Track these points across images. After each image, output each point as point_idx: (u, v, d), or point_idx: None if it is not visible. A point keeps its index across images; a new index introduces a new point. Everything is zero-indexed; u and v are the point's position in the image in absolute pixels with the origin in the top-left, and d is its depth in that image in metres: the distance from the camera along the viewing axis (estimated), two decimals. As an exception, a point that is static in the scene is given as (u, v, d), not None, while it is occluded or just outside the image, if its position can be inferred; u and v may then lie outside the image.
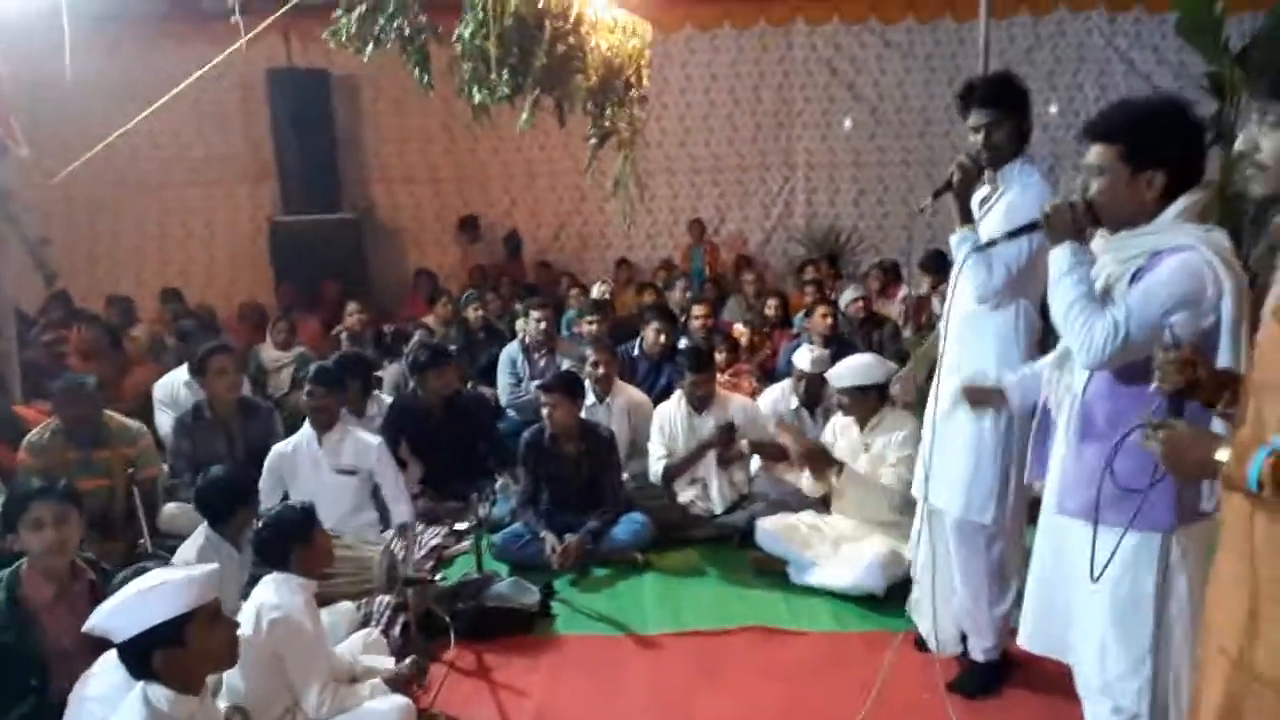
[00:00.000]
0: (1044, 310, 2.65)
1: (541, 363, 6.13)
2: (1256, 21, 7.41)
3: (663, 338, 5.83)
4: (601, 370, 5.07)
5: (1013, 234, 2.56)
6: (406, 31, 4.70)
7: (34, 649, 2.81)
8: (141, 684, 2.18)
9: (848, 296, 6.50)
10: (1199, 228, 2.18)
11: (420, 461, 4.91)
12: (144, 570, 2.37)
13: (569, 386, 4.51)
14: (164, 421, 5.22)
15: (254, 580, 3.01)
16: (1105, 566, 2.09)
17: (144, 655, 2.15)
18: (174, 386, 5.39)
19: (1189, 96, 6.43)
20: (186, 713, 2.20)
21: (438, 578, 4.01)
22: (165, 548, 3.80)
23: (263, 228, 9.37)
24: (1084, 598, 2.30)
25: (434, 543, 4.34)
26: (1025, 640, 2.57)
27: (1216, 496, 2.09)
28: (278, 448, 4.24)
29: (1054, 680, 3.06)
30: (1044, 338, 2.90)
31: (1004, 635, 3.19)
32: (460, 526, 4.32)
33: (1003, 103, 2.90)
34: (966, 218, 2.95)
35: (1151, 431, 1.72)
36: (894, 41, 9.42)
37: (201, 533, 3.41)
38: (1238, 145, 1.64)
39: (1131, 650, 2.24)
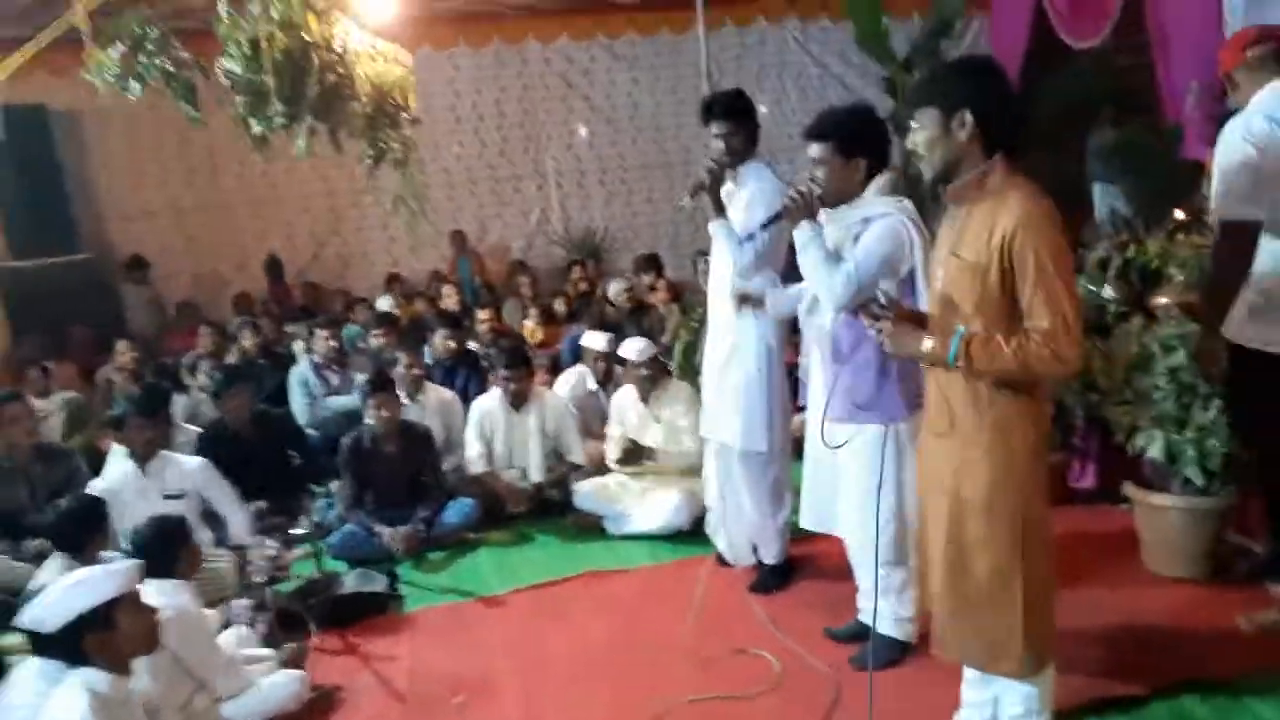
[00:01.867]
0: (786, 275, 3.45)
1: (335, 379, 6.34)
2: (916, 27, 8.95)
3: (451, 343, 6.23)
4: (415, 370, 5.43)
5: (766, 224, 3.27)
6: (170, 67, 4.85)
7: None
8: (77, 672, 2.39)
9: (615, 289, 7.19)
10: (893, 200, 3.00)
11: (237, 482, 5.02)
12: None
13: (392, 386, 4.86)
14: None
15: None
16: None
17: (76, 641, 2.37)
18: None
19: (874, 97, 7.68)
20: (122, 694, 2.45)
21: (284, 581, 4.23)
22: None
23: (-12, 276, 8.69)
24: (845, 480, 3.08)
25: (270, 553, 4.52)
26: (806, 521, 3.36)
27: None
28: (99, 485, 4.26)
29: (827, 570, 3.89)
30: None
31: (786, 540, 3.97)
32: (296, 531, 4.54)
33: (737, 114, 3.64)
34: (719, 210, 3.66)
35: (872, 321, 2.40)
36: (620, 54, 10.25)
37: (56, 558, 3.47)
38: (907, 143, 2.38)
39: (883, 511, 3.03)
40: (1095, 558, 3.88)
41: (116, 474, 4.33)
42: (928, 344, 2.29)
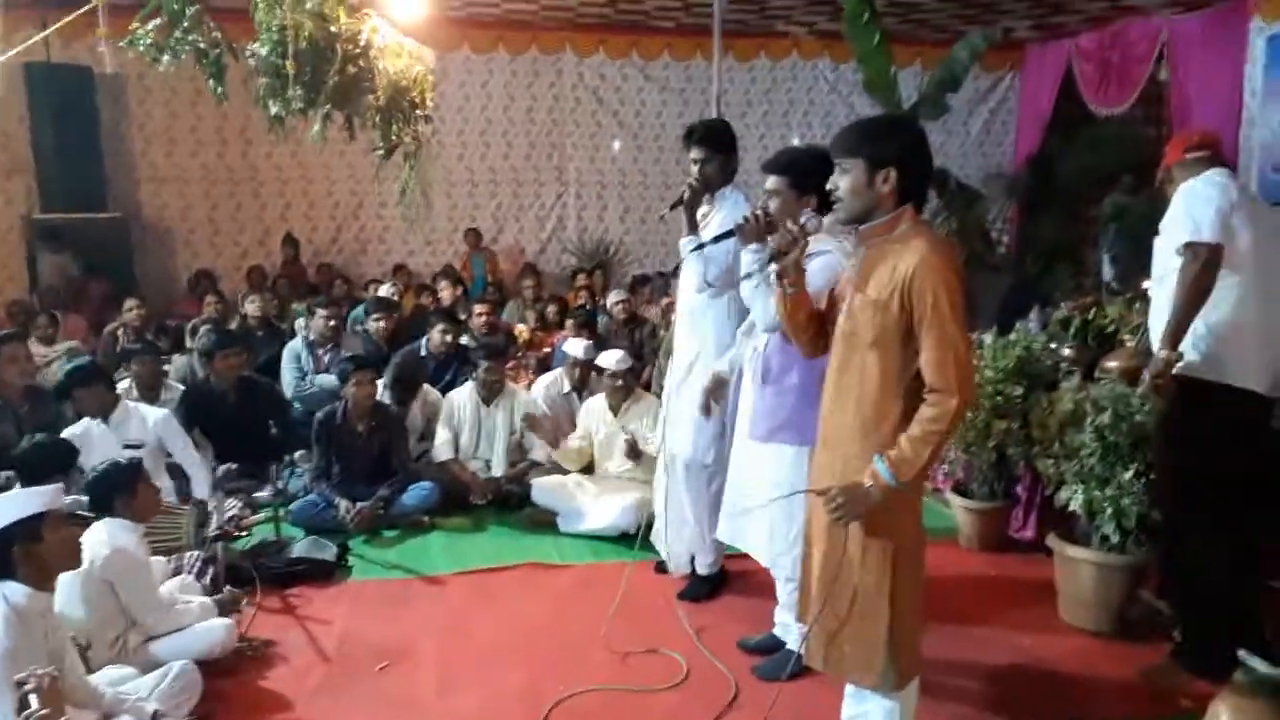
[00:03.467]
0: None
1: (326, 357, 6.54)
2: (923, 77, 9.14)
3: (448, 338, 6.40)
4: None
5: (717, 239, 3.45)
6: (202, 44, 5.09)
7: None
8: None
9: (613, 299, 7.36)
10: (834, 238, 3.16)
11: (212, 443, 5.23)
12: None
13: (377, 367, 5.06)
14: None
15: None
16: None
17: (4, 553, 2.56)
18: (-55, 377, 5.36)
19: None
20: (40, 608, 2.63)
21: (239, 540, 4.42)
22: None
23: (16, 225, 9.03)
24: (755, 498, 3.24)
25: (232, 513, 4.71)
26: (721, 534, 3.52)
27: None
28: (68, 432, 4.48)
29: (758, 586, 4.02)
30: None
31: (721, 553, 4.11)
32: (260, 494, 4.73)
33: (712, 144, 3.80)
34: (693, 228, 3.83)
35: (830, 505, 2.42)
36: (653, 76, 10.49)
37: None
38: (828, 184, 2.54)
39: (790, 532, 3.18)
40: (1014, 603, 4.00)
41: (86, 423, 4.55)
42: (867, 483, 2.37)
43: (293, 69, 4.93)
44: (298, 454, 5.11)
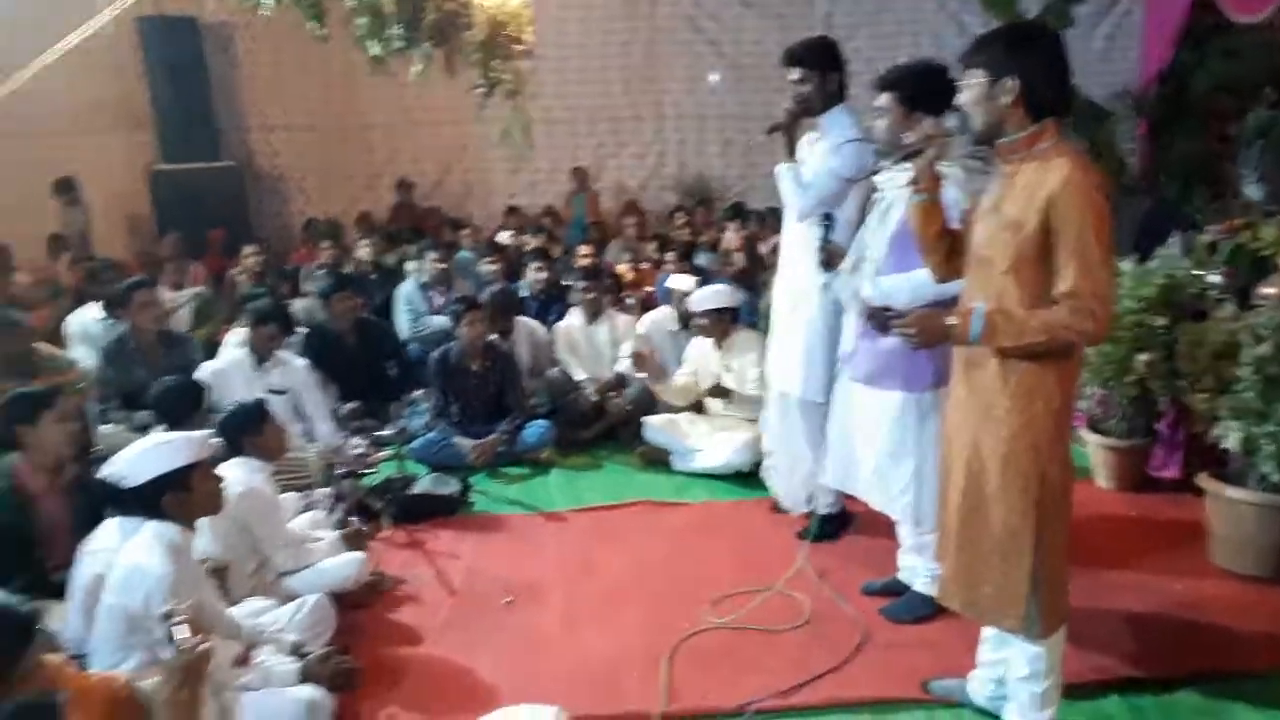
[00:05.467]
0: None
1: (438, 299, 6.64)
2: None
3: (542, 275, 6.39)
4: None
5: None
6: (301, -13, 5.09)
7: (30, 529, 3.24)
8: (150, 525, 2.69)
9: (730, 236, 7.20)
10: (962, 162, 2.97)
11: (335, 383, 5.37)
12: None
13: (480, 308, 5.12)
14: (79, 355, 5.48)
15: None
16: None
17: (155, 498, 2.67)
18: (85, 323, 5.65)
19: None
20: (188, 545, 2.74)
21: (365, 477, 4.54)
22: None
23: (141, 176, 9.38)
24: (865, 444, 3.14)
25: (358, 451, 4.84)
26: (831, 478, 3.42)
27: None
28: (210, 367, 4.66)
29: (881, 526, 3.90)
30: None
31: (841, 493, 4.00)
32: (383, 433, 4.85)
33: (811, 63, 3.58)
34: (790, 154, 3.65)
35: (902, 325, 2.41)
36: (753, 2, 10.13)
37: (157, 430, 3.84)
38: (956, 100, 2.38)
39: (901, 475, 3.08)
40: (1159, 546, 3.79)
41: (228, 361, 4.71)
42: (951, 320, 2.31)
43: (391, 7, 4.92)
44: (417, 393, 5.20)
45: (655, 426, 4.94)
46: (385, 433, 4.96)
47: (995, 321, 2.23)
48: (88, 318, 5.68)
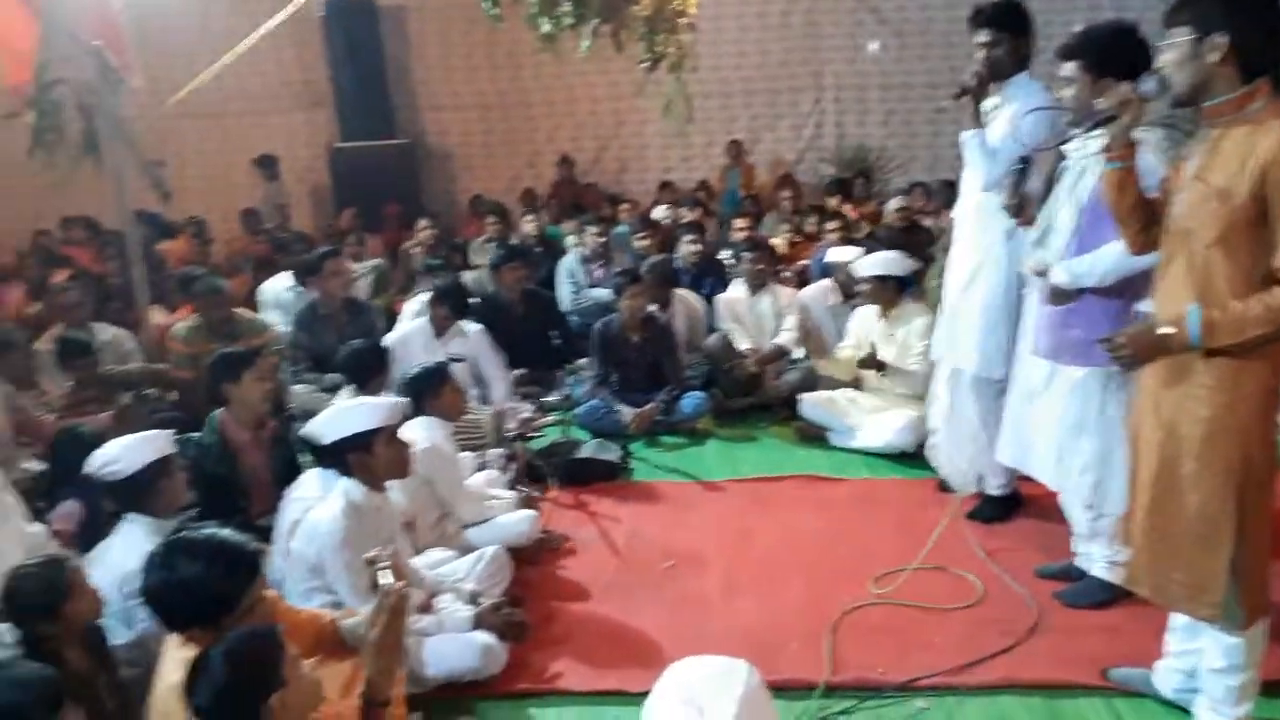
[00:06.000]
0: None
1: (598, 272, 6.79)
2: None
3: (695, 248, 6.39)
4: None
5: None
6: (478, -32, 5.24)
7: (237, 478, 3.55)
8: (342, 481, 2.90)
9: (892, 205, 7.02)
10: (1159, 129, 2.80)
11: (503, 350, 5.59)
12: None
13: (641, 281, 5.22)
14: (272, 320, 5.91)
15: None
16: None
17: (341, 457, 2.87)
18: (278, 291, 6.09)
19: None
20: (373, 505, 2.94)
21: (533, 440, 4.73)
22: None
23: (321, 154, 9.97)
24: (1046, 421, 3.01)
25: (525, 415, 5.04)
26: (1004, 456, 3.31)
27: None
28: (392, 336, 4.94)
29: (1053, 510, 3.75)
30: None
31: (1014, 473, 3.87)
32: (548, 399, 5.03)
33: (1000, 24, 3.42)
34: (977, 120, 3.52)
35: (1113, 347, 2.28)
36: (919, -35, 9.77)
37: (346, 390, 4.12)
38: (1157, 62, 2.24)
39: (1082, 455, 2.95)
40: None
41: (410, 329, 5.00)
42: (1164, 330, 2.17)
43: (562, -16, 5.01)
44: (580, 361, 5.36)
45: (813, 403, 4.89)
46: (551, 399, 5.15)
47: (1213, 320, 2.09)
48: (279, 286, 6.12)
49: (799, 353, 5.47)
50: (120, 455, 2.84)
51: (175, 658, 1.99)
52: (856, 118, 10.24)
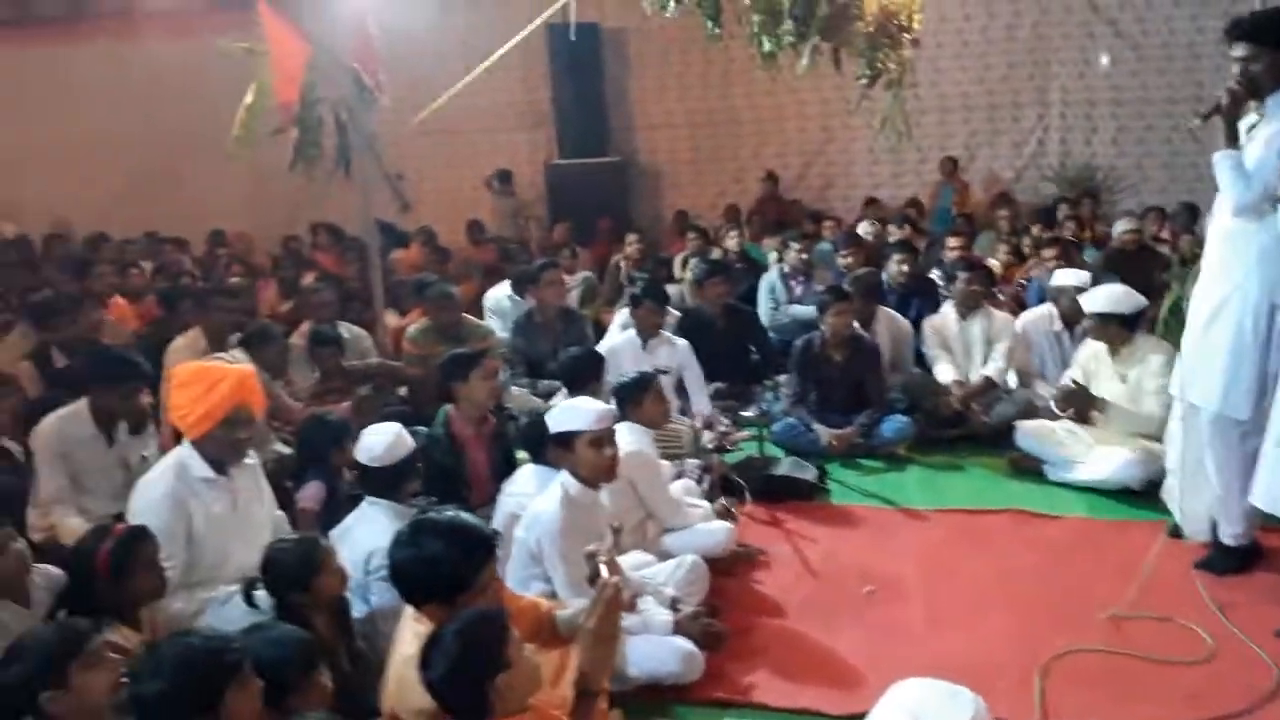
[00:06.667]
0: None
1: (798, 289, 6.77)
2: None
3: (905, 267, 6.22)
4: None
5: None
6: (701, -12, 5.37)
7: (460, 470, 3.82)
8: (560, 474, 3.07)
9: (1121, 227, 6.61)
10: None
11: (702, 363, 5.68)
12: None
13: (848, 298, 5.17)
14: (492, 326, 6.29)
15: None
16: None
17: (556, 453, 3.05)
18: (498, 299, 6.48)
19: None
20: (587, 501, 3.08)
21: (728, 454, 4.78)
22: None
23: (539, 170, 10.49)
24: None
25: (722, 428, 5.10)
26: (1258, 499, 3.02)
27: None
28: (604, 346, 5.15)
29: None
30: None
31: (1253, 523, 3.54)
32: (745, 414, 5.07)
33: (1260, 38, 3.15)
34: (1232, 140, 3.26)
35: None
36: (1164, -26, 9.13)
37: (561, 394, 4.34)
38: None
39: None
40: None
41: (619, 340, 5.19)
42: None
43: (788, 3, 5.06)
44: (779, 378, 5.36)
45: (1029, 433, 4.65)
46: (748, 414, 5.19)
47: None
48: (500, 294, 6.50)
49: (1011, 380, 5.23)
50: (384, 446, 3.13)
51: (412, 631, 2.18)
52: (1083, 135, 9.68)
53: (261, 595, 2.66)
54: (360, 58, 5.66)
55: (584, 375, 4.17)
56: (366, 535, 2.98)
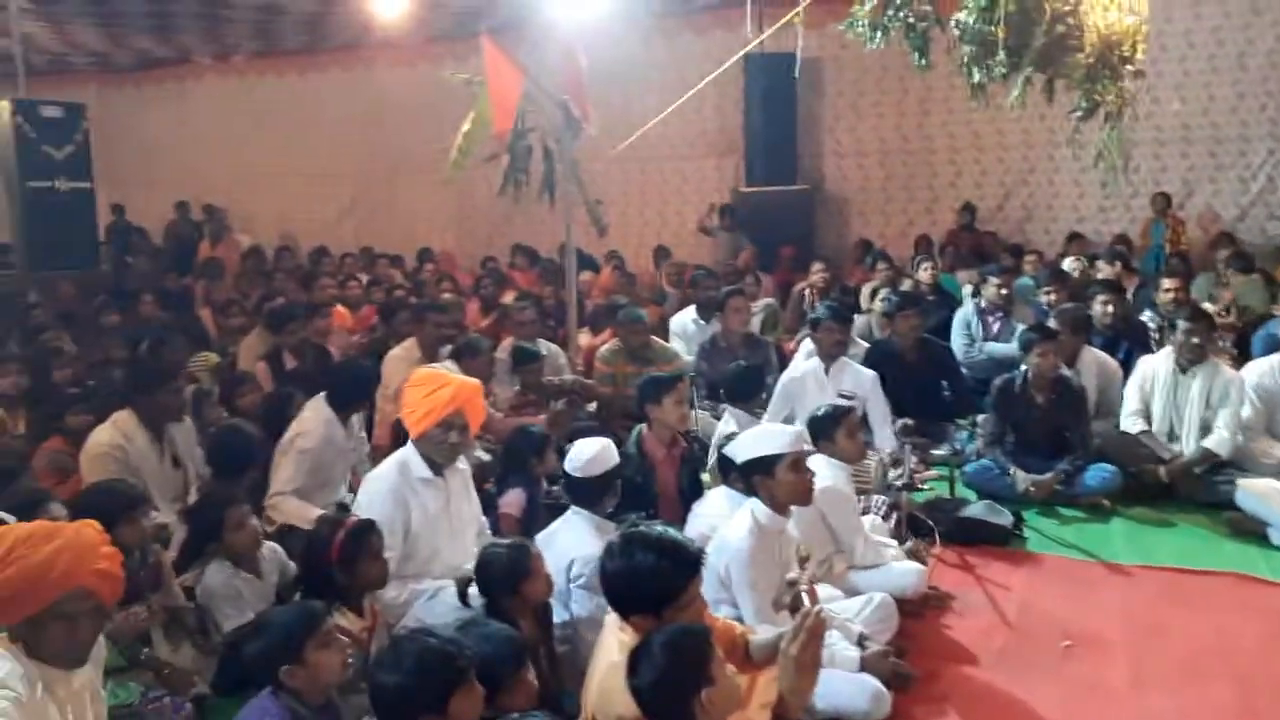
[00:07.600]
0: None
1: (995, 325, 6.53)
2: None
3: (1110, 309, 5.87)
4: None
5: None
6: (910, 20, 5.32)
7: (650, 488, 3.94)
8: (750, 501, 3.11)
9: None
10: None
11: (890, 397, 5.57)
12: None
13: (1054, 337, 4.97)
14: (675, 348, 6.42)
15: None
16: None
17: (748, 478, 3.10)
18: (685, 323, 6.61)
19: None
20: (776, 529, 3.10)
21: (917, 493, 4.67)
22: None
23: (726, 197, 10.61)
24: None
25: (910, 466, 4.99)
26: None
27: None
28: (788, 374, 5.16)
29: None
30: None
31: None
32: (936, 452, 4.94)
33: None
34: None
35: None
36: None
37: (728, 409, 4.46)
38: None
39: None
40: None
41: (802, 368, 5.18)
42: None
43: (1001, 34, 4.93)
44: (978, 417, 5.19)
45: (1253, 492, 4.31)
46: (938, 452, 5.05)
47: None
48: (686, 318, 6.63)
49: (1238, 439, 4.67)
50: (595, 457, 3.29)
51: (617, 639, 2.28)
52: (1322, 171, 8.86)
53: (473, 593, 2.83)
54: (570, 89, 5.95)
55: (741, 389, 4.36)
56: (569, 543, 3.12)
